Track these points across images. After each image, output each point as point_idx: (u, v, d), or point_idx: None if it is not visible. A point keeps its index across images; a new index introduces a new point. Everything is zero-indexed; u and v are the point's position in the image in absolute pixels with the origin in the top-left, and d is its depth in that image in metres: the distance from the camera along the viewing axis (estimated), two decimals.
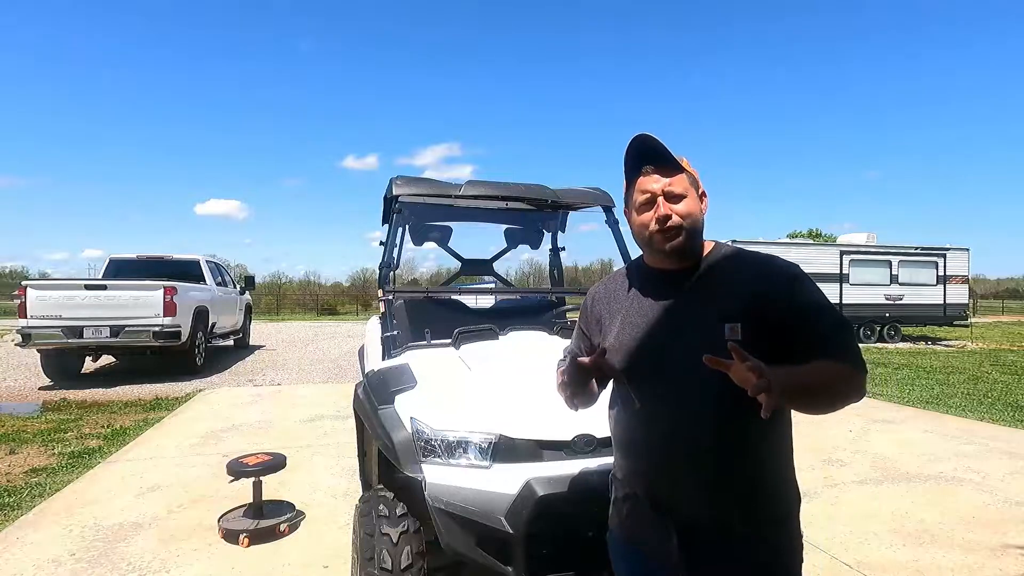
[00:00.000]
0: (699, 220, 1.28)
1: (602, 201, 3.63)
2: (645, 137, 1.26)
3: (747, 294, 1.22)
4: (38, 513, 3.66)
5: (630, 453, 1.33)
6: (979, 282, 54.67)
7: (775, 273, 1.26)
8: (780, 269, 1.27)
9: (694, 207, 1.27)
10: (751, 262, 1.29)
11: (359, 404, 2.49)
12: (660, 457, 1.26)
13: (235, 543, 3.20)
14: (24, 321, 8.16)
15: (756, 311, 1.20)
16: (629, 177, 1.31)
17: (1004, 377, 9.48)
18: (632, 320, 1.32)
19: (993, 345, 15.68)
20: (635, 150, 1.27)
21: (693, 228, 1.26)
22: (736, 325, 1.19)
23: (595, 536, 1.91)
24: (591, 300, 1.46)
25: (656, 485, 1.28)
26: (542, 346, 2.66)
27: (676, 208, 1.24)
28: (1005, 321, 27.57)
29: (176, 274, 9.79)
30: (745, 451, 1.23)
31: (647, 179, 1.26)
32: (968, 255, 17.63)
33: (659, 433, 1.26)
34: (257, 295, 24.53)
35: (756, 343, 1.14)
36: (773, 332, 1.19)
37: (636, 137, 1.26)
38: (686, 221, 1.24)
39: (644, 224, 1.27)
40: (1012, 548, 3.22)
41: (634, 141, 1.27)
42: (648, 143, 1.26)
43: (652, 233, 1.25)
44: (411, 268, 36.38)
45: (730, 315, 1.20)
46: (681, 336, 1.24)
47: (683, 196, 1.25)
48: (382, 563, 1.94)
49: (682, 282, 1.28)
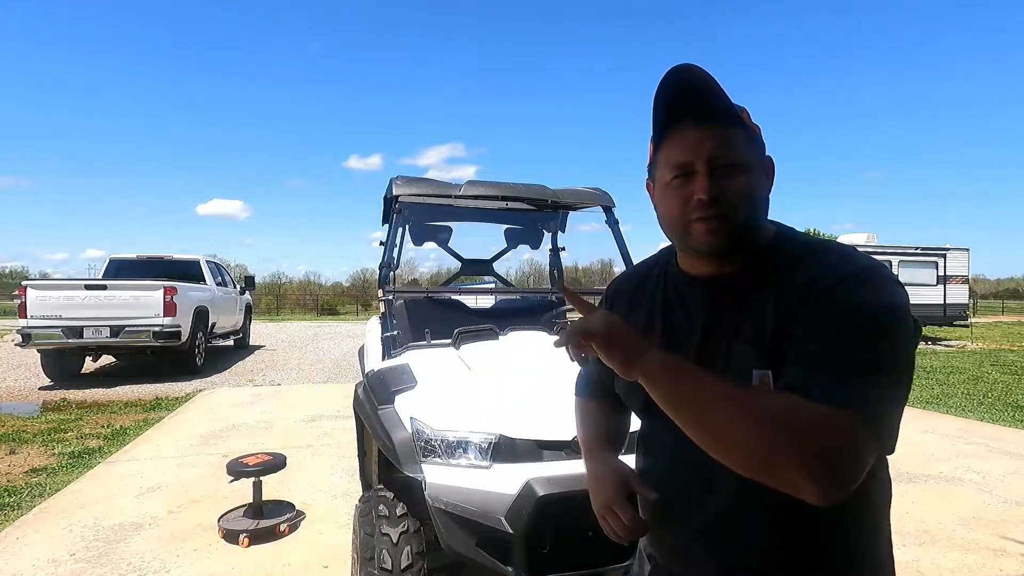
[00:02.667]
0: (763, 204, 0.85)
1: (602, 201, 3.63)
2: (686, 69, 0.82)
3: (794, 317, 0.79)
4: (38, 513, 3.66)
5: (655, 523, 0.98)
6: (979, 282, 54.70)
7: (838, 287, 0.77)
8: (849, 274, 0.77)
9: (755, 185, 0.83)
10: (821, 262, 0.81)
11: (359, 404, 2.49)
12: (674, 519, 0.93)
13: (235, 543, 3.19)
14: (24, 321, 8.16)
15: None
16: (659, 133, 0.87)
17: (1004, 377, 9.47)
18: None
19: (993, 345, 15.67)
20: (670, 91, 0.83)
21: (753, 218, 0.83)
22: (767, 374, 0.78)
23: (595, 536, 1.91)
24: (611, 299, 1.08)
25: (668, 553, 0.97)
26: (542, 346, 2.66)
27: (729, 186, 0.81)
28: (1005, 321, 27.55)
29: (176, 274, 9.78)
30: (796, 524, 0.83)
31: (684, 138, 0.83)
32: (968, 255, 17.63)
33: (676, 511, 0.93)
34: (257, 295, 24.52)
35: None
36: None
37: (672, 70, 0.82)
38: (742, 207, 0.82)
39: (677, 206, 0.84)
40: (1012, 548, 3.22)
41: (669, 77, 0.82)
42: (691, 80, 0.82)
43: (689, 221, 0.83)
44: (411, 268, 36.40)
45: (760, 355, 0.80)
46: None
47: (742, 167, 0.82)
48: (382, 563, 1.94)
49: (712, 298, 0.88)
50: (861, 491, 0.73)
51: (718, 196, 0.81)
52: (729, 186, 0.81)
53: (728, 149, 0.81)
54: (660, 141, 0.87)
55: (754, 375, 0.79)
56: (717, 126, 0.82)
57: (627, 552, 1.93)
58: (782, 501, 0.78)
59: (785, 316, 0.79)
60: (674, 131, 0.84)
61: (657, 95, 0.84)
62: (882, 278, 0.77)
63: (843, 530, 0.83)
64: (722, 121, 0.82)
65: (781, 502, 0.78)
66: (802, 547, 0.83)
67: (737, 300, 0.85)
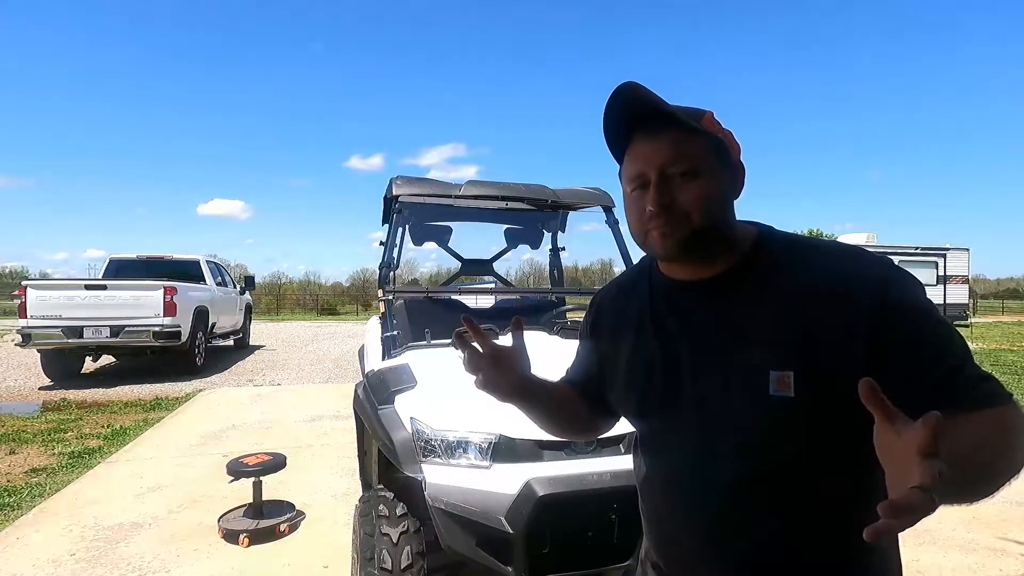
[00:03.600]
0: (718, 208, 0.84)
1: (602, 201, 3.63)
2: (629, 88, 0.82)
3: (802, 318, 0.79)
4: (38, 513, 3.66)
5: (646, 512, 0.99)
6: (979, 282, 54.66)
7: (856, 280, 0.78)
8: (862, 272, 0.79)
9: (711, 189, 0.83)
10: (819, 263, 0.82)
11: (359, 404, 2.49)
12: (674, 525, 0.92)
13: (235, 543, 3.19)
14: (24, 321, 8.16)
15: (815, 347, 0.77)
16: (617, 152, 0.90)
17: (1004, 377, 9.46)
18: (642, 354, 0.94)
19: (993, 345, 15.67)
20: (618, 111, 0.84)
21: (709, 222, 0.83)
22: (787, 375, 0.77)
23: (595, 536, 1.92)
24: (596, 310, 1.08)
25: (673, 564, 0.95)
26: (542, 346, 2.66)
27: (680, 195, 0.82)
28: (1005, 321, 27.55)
29: (176, 274, 9.78)
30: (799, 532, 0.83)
31: (638, 152, 0.85)
32: (968, 255, 17.65)
33: (682, 517, 0.90)
34: (257, 295, 24.52)
35: (820, 403, 0.76)
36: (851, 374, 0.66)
37: (617, 90, 0.83)
38: (695, 213, 0.82)
39: (636, 218, 0.87)
40: (1012, 548, 3.22)
41: (615, 96, 0.83)
42: (635, 96, 0.82)
43: (647, 232, 0.85)
44: (411, 268, 36.37)
45: (776, 356, 0.79)
46: (711, 387, 0.85)
47: (695, 173, 0.82)
48: (382, 563, 1.94)
49: (705, 301, 0.87)
50: (870, 485, 0.74)
51: (668, 204, 0.82)
52: (681, 193, 0.82)
53: (679, 158, 0.82)
54: (620, 157, 0.89)
55: (771, 379, 0.78)
56: (668, 137, 0.83)
57: (627, 552, 1.94)
58: (791, 500, 0.81)
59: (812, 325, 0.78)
60: (631, 145, 0.87)
61: (606, 115, 0.86)
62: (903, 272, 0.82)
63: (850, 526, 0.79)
64: (674, 130, 0.83)
65: (790, 501, 0.81)
66: (810, 545, 0.83)
67: (734, 300, 0.85)
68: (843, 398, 0.70)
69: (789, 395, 0.77)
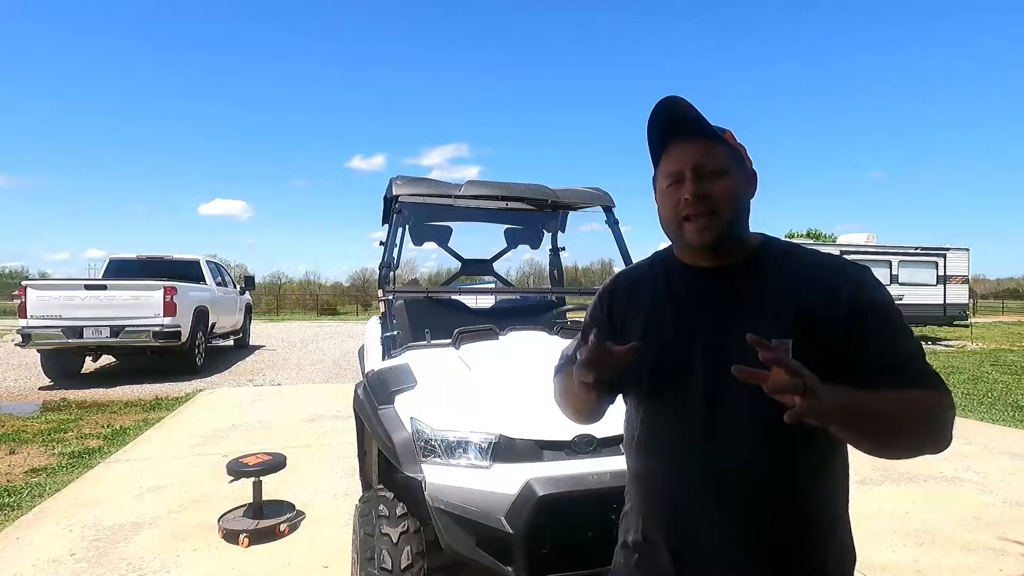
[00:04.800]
0: (742, 205, 1.03)
1: (602, 201, 3.63)
2: (673, 101, 1.00)
3: (799, 301, 0.99)
4: (38, 513, 3.66)
5: (645, 489, 1.11)
6: (979, 282, 54.71)
7: (838, 277, 1.01)
8: (844, 272, 1.02)
9: (735, 187, 1.01)
10: (811, 262, 1.04)
11: (359, 404, 2.49)
12: (681, 497, 1.04)
13: (235, 543, 3.19)
14: (24, 321, 8.16)
15: (810, 324, 0.97)
16: (655, 154, 1.07)
17: (1004, 377, 9.47)
18: (657, 326, 1.07)
19: (993, 345, 15.68)
20: (660, 118, 1.02)
21: (734, 216, 1.01)
22: (787, 342, 0.94)
23: (595, 536, 1.91)
24: (608, 296, 1.19)
25: (675, 532, 1.05)
26: (542, 346, 2.66)
27: (711, 188, 0.99)
28: (1005, 321, 27.56)
29: (176, 274, 9.79)
30: (791, 497, 0.99)
31: (675, 153, 1.02)
32: (968, 255, 17.62)
33: (681, 468, 1.03)
34: (257, 295, 24.53)
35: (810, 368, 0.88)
36: (832, 351, 0.95)
37: (661, 102, 1.01)
38: (724, 206, 0.99)
39: (671, 208, 1.03)
40: (1012, 548, 3.22)
41: (659, 107, 1.01)
42: (676, 109, 1.01)
43: (681, 220, 1.01)
44: (411, 268, 36.35)
45: (779, 328, 0.96)
46: (717, 352, 1.00)
47: (722, 173, 1.00)
48: (382, 563, 1.94)
49: (720, 284, 1.04)
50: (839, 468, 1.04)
51: (703, 195, 0.99)
52: (712, 187, 1.00)
53: (710, 159, 1.00)
54: (658, 158, 1.07)
55: (773, 342, 0.89)
56: (700, 142, 1.01)
57: None
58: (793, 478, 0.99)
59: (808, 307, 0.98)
60: (668, 148, 1.04)
61: (651, 122, 1.04)
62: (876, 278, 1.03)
63: (827, 496, 1.03)
64: (705, 138, 1.02)
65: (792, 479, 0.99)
66: (799, 513, 1.00)
67: (742, 285, 1.03)
68: (827, 366, 0.88)
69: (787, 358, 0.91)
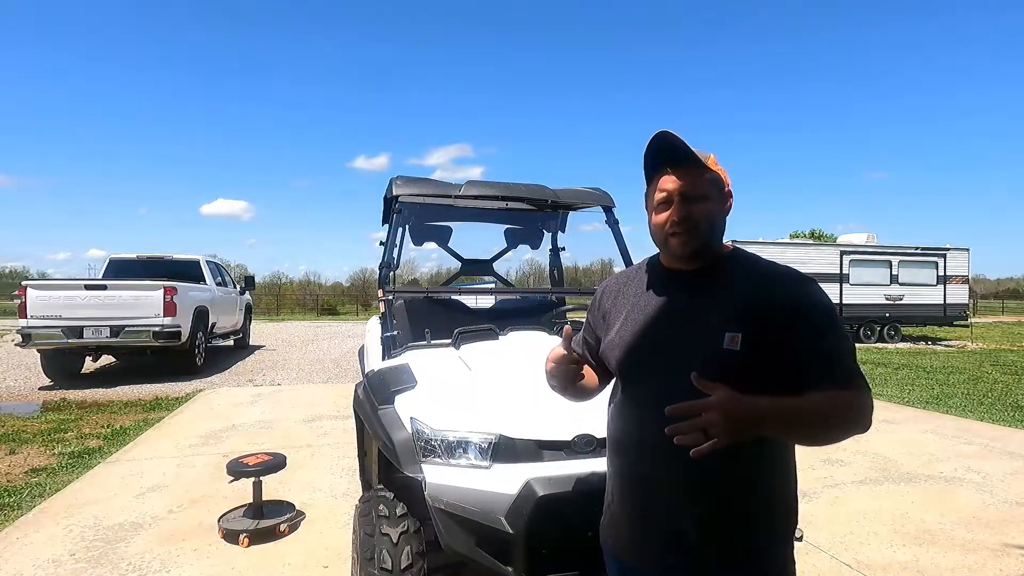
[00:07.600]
0: (717, 223, 1.24)
1: (602, 201, 3.62)
2: (665, 135, 1.20)
3: (750, 300, 1.17)
4: (38, 513, 3.66)
5: (618, 455, 1.30)
6: (979, 282, 54.69)
7: (783, 281, 1.20)
8: (789, 277, 1.21)
9: (713, 210, 1.22)
10: (763, 270, 1.24)
11: (359, 404, 2.49)
12: (645, 462, 1.22)
13: (235, 543, 3.19)
14: (24, 321, 8.15)
15: (757, 320, 1.15)
16: (648, 175, 1.28)
17: (1004, 377, 9.48)
18: (635, 317, 1.29)
19: (993, 345, 15.68)
20: (655, 148, 1.23)
21: (710, 231, 1.22)
22: (736, 335, 1.14)
23: (595, 536, 1.91)
24: (600, 293, 1.44)
25: (640, 492, 1.24)
26: (542, 346, 2.66)
27: (693, 210, 1.20)
28: (1005, 321, 27.56)
29: (176, 274, 9.77)
30: (738, 461, 1.15)
31: (666, 178, 1.22)
32: (968, 255, 17.63)
33: (646, 436, 1.21)
34: (257, 295, 24.54)
35: (758, 356, 1.13)
36: (774, 345, 1.13)
37: (656, 135, 1.21)
38: (702, 224, 1.20)
39: (660, 225, 1.23)
40: (1012, 548, 3.22)
41: (654, 139, 1.21)
42: (669, 141, 1.20)
43: (667, 235, 1.22)
44: (411, 268, 36.39)
45: (731, 322, 1.16)
46: (681, 338, 1.20)
47: (703, 198, 1.20)
48: (382, 563, 1.94)
49: (690, 283, 1.25)
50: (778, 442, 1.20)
51: (686, 216, 1.20)
52: (694, 209, 1.20)
53: (694, 186, 1.20)
54: (650, 181, 1.28)
55: (725, 337, 1.15)
56: (687, 170, 1.21)
57: None
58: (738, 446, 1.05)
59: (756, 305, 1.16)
60: (660, 174, 1.24)
61: (647, 151, 1.24)
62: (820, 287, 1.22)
63: (771, 461, 1.21)
64: (691, 167, 1.21)
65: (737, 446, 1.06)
66: (745, 476, 1.18)
67: (707, 284, 1.24)
68: (771, 359, 1.13)
69: (736, 349, 1.14)
